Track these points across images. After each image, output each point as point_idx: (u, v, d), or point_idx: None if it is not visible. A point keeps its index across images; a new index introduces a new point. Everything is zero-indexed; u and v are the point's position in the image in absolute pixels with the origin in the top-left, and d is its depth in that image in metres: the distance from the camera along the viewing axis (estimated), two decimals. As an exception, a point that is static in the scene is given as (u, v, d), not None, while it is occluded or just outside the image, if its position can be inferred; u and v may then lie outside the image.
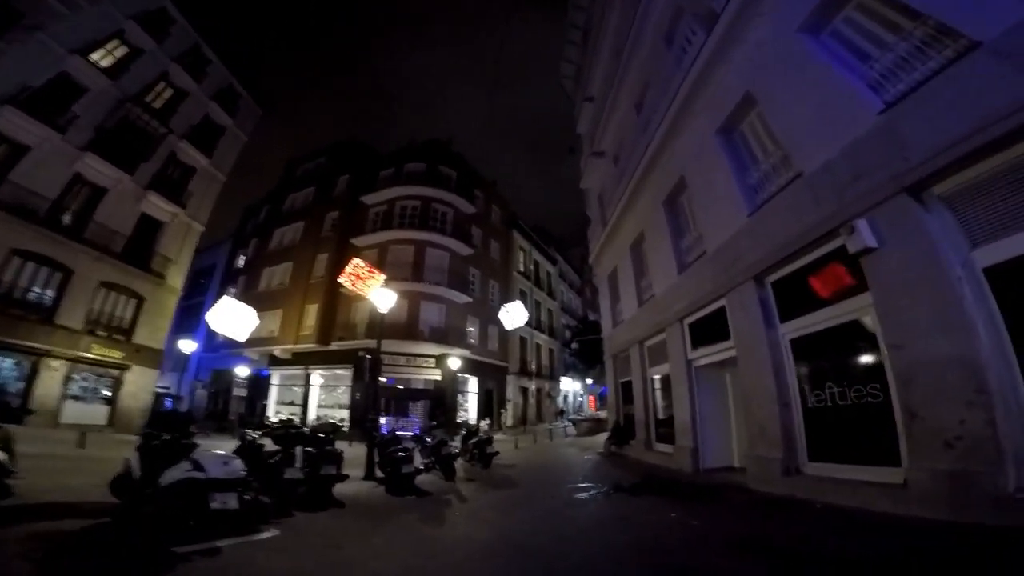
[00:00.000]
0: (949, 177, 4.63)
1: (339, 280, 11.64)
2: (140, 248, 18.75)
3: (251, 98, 25.13)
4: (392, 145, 32.13)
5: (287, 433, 7.24)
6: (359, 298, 17.20)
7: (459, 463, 10.51)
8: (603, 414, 25.70)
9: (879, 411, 5.32)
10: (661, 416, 11.86)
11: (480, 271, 29.26)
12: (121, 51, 18.30)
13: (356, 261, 11.39)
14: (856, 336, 5.85)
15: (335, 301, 24.66)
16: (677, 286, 10.42)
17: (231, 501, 4.48)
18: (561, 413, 35.92)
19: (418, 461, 8.69)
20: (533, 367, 34.30)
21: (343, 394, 24.19)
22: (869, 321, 5.59)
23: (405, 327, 23.03)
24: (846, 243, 5.50)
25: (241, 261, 32.77)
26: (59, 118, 15.83)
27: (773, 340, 7.10)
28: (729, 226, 8.25)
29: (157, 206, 19.46)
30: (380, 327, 11.18)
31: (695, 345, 9.85)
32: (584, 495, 7.45)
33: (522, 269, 35.46)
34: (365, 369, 10.62)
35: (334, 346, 23.75)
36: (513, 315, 15.04)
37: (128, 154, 17.97)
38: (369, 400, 12.64)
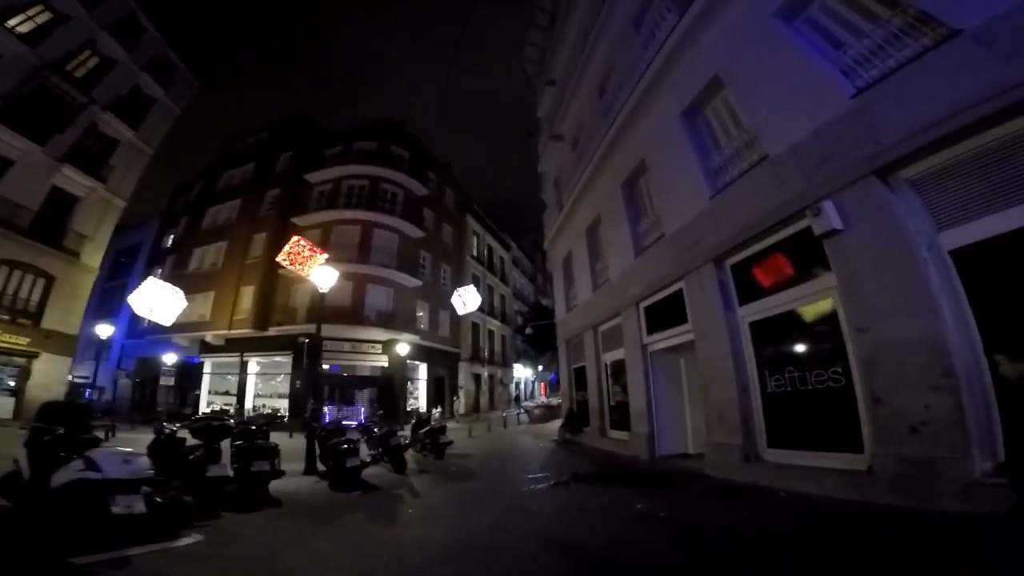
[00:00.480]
0: (919, 161, 4.60)
1: (278, 259, 10.78)
2: (50, 224, 16.86)
3: (188, 70, 23.09)
4: (345, 125, 30.51)
5: (208, 426, 6.41)
6: (299, 280, 16.19)
7: (410, 454, 10.03)
8: (556, 401, 25.78)
9: (841, 396, 5.29)
10: (615, 402, 11.81)
11: (432, 254, 28.44)
12: (44, 17, 16.43)
13: (296, 239, 10.56)
14: (817, 319, 5.83)
15: (273, 283, 23.17)
16: (633, 270, 10.30)
17: (137, 504, 3.84)
18: (516, 400, 35.89)
19: (364, 453, 8.13)
20: (486, 353, 33.95)
21: (282, 383, 22.88)
22: (832, 304, 5.55)
23: (350, 311, 21.99)
24: (811, 224, 5.44)
25: (170, 241, 30.29)
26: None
27: (732, 323, 7.06)
28: (690, 209, 8.15)
29: (72, 179, 17.58)
30: (321, 309, 10.48)
31: (651, 330, 9.77)
32: (544, 486, 7.15)
33: (475, 254, 34.87)
34: (305, 355, 9.86)
35: (272, 331, 22.35)
36: (466, 300, 14.63)
37: (40, 124, 16.13)
38: (310, 389, 11.85)
